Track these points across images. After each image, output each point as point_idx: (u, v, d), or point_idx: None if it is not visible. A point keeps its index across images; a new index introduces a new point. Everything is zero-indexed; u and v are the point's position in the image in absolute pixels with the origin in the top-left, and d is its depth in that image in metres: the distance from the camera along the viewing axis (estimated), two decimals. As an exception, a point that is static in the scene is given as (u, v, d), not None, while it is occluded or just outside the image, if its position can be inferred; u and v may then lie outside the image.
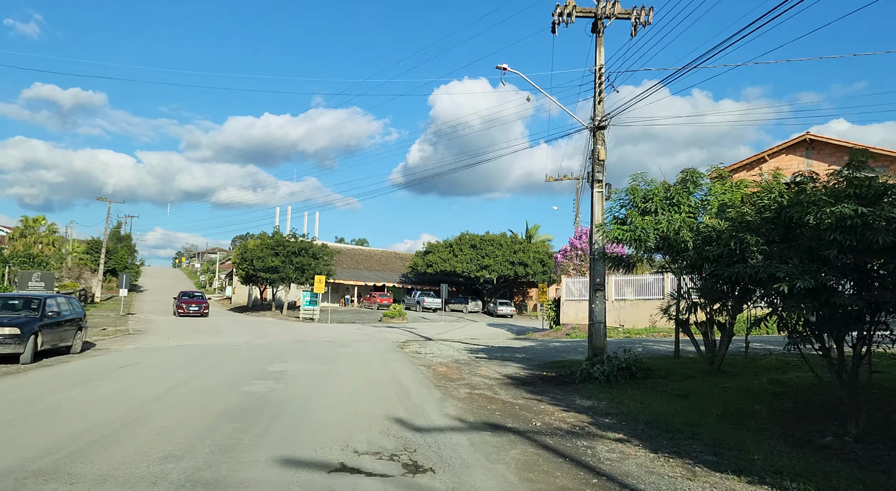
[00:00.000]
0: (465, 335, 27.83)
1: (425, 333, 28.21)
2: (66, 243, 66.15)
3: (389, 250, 63.65)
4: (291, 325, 31.26)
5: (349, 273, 53.86)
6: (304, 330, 26.70)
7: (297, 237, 43.38)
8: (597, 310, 13.85)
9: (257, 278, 43.17)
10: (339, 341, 20.72)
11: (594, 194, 14.05)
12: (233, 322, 29.81)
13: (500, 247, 49.52)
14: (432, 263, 50.26)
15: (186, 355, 14.83)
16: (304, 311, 37.39)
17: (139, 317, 33.94)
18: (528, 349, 18.50)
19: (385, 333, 26.93)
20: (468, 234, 52.05)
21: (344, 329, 28.67)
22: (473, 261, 49.29)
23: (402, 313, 39.64)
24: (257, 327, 26.87)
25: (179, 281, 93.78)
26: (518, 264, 47.97)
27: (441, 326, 34.47)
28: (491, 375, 12.50)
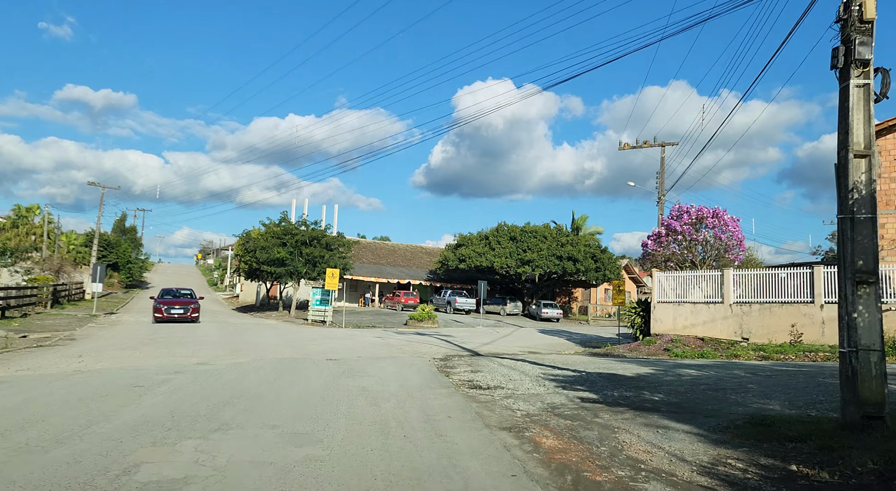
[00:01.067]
0: (520, 347, 20.91)
1: (467, 343, 21.35)
2: (61, 234, 60.76)
3: (415, 245, 57.00)
4: (295, 330, 24.62)
5: (370, 269, 47.26)
6: (308, 338, 20.02)
7: (308, 225, 36.84)
8: (861, 321, 6.77)
9: (261, 273, 36.75)
10: (349, 360, 13.93)
11: (851, 89, 6.96)
12: (222, 328, 23.27)
13: (545, 239, 42.45)
14: (465, 258, 43.39)
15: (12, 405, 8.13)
16: (314, 312, 30.78)
17: (110, 319, 27.67)
18: (650, 380, 11.48)
19: (414, 343, 20.16)
20: (506, 224, 45.08)
21: (360, 337, 21.94)
22: (513, 255, 42.30)
23: (431, 316, 32.83)
24: (247, 335, 20.26)
25: (191, 278, 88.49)
26: (566, 259, 40.85)
27: (482, 332, 27.56)
28: (674, 472, 5.56)
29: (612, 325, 41.22)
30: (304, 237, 35.50)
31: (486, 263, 42.42)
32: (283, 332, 22.77)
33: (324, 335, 21.72)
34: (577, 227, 47.98)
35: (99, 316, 28.40)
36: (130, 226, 69.48)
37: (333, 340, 19.56)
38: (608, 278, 42.29)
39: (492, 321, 37.36)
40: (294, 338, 19.83)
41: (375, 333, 24.85)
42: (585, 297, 51.06)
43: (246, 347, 15.90)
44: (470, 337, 24.43)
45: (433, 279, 48.58)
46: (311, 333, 23.08)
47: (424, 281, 47.85)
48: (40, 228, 57.59)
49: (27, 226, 56.71)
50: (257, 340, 18.38)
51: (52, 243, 58.74)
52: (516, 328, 31.25)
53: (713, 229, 19.53)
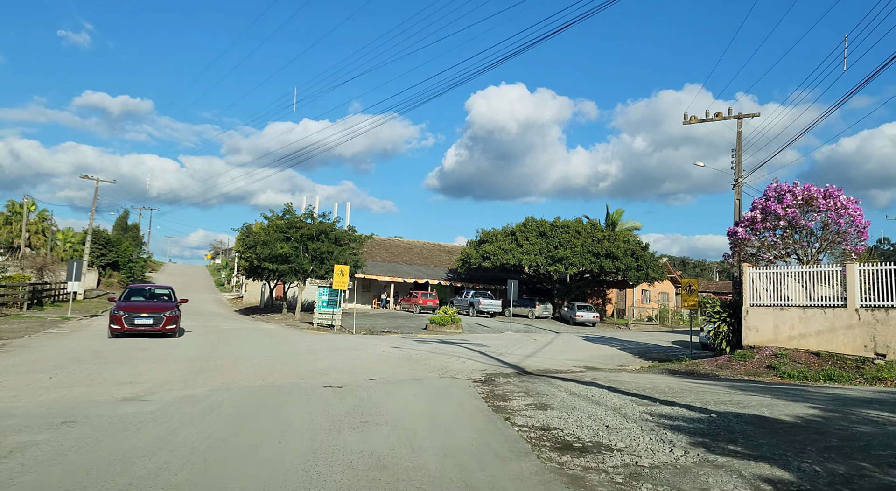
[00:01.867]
0: (572, 360, 16.73)
1: (505, 354, 17.16)
2: (57, 231, 57.42)
3: (432, 242, 52.87)
4: (296, 337, 20.56)
5: (384, 268, 43.20)
6: (307, 350, 15.91)
7: (314, 217, 32.85)
8: None
9: (263, 271, 32.83)
10: (357, 387, 9.84)
11: None
12: (205, 336, 19.24)
13: (578, 235, 38.10)
14: (489, 255, 39.16)
15: None
16: (320, 315, 26.74)
17: (81, 323, 23.84)
18: (839, 433, 7.19)
19: (441, 354, 16.00)
20: (534, 219, 40.78)
21: (374, 346, 17.82)
22: (543, 252, 38.00)
23: (455, 319, 28.69)
24: (233, 346, 16.17)
25: (199, 278, 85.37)
26: (604, 256, 36.45)
27: (516, 339, 23.32)
28: None
29: (654, 330, 36.78)
30: (311, 231, 31.53)
31: (512, 261, 38.16)
32: (280, 340, 18.69)
33: (329, 345, 17.60)
34: (613, 222, 43.53)
35: (73, 319, 24.58)
36: (133, 224, 66.10)
37: (340, 352, 15.43)
38: (651, 278, 37.85)
39: (521, 325, 33.12)
40: (291, 349, 15.70)
41: (392, 340, 20.73)
42: (620, 298, 46.61)
43: (220, 365, 11.80)
44: (505, 346, 20.23)
45: (453, 279, 44.42)
46: (314, 341, 18.99)
47: (444, 281, 43.70)
48: (35, 225, 54.32)
49: (21, 223, 53.38)
50: (242, 352, 14.28)
51: (47, 241, 55.47)
52: (554, 334, 26.97)
53: (826, 213, 15.15)
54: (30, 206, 55.24)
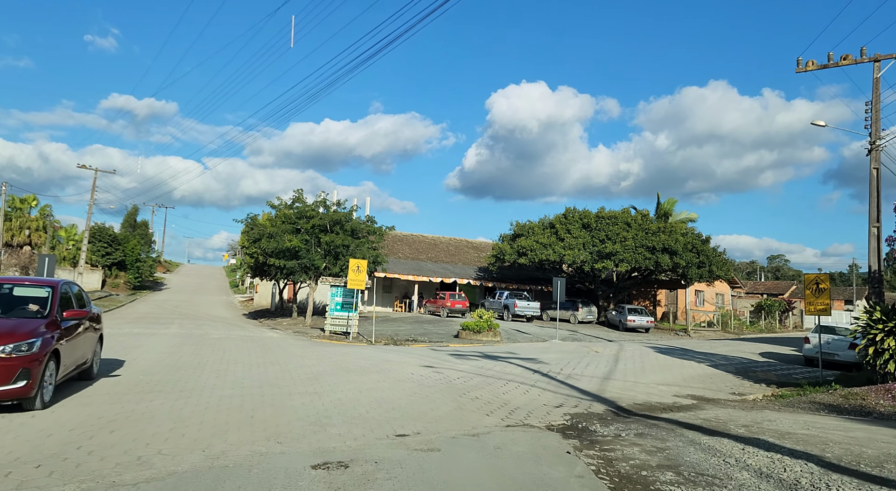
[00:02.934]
0: (667, 384, 12.22)
1: (575, 376, 12.63)
2: (60, 229, 54.17)
3: (459, 238, 48.42)
4: (297, 352, 16.18)
5: (407, 266, 38.86)
6: (307, 374, 11.43)
7: (328, 205, 28.60)
8: None
9: (269, 269, 28.68)
10: (376, 461, 5.47)
11: None
12: (170, 352, 14.96)
13: (628, 227, 33.33)
14: (526, 251, 34.57)
15: None
16: (333, 320, 22.44)
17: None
18: None
19: (491, 378, 11.51)
20: (576, 209, 36.08)
21: (399, 364, 13.36)
22: (588, 246, 33.29)
23: (492, 325, 24.22)
24: (205, 368, 11.80)
25: (213, 279, 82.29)
26: (661, 251, 31.62)
27: (573, 351, 18.70)
28: None
29: (719, 337, 31.86)
30: (324, 221, 27.27)
31: (553, 257, 33.51)
32: (275, 355, 14.30)
33: (339, 363, 13.16)
34: (665, 212, 38.57)
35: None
36: (142, 221, 62.71)
37: (352, 376, 11.00)
38: (715, 276, 32.94)
39: (566, 331, 28.49)
40: (282, 372, 11.26)
41: (420, 354, 16.27)
42: (670, 300, 41.65)
43: (146, 410, 7.33)
44: (565, 361, 15.67)
45: (484, 278, 39.89)
46: (320, 356, 14.59)
47: (473, 280, 39.20)
48: (36, 222, 51.07)
49: (21, 219, 50.19)
50: (204, 380, 9.82)
51: (50, 238, 52.24)
52: (614, 345, 22.28)
53: None
54: (31, 201, 52.10)
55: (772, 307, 38.35)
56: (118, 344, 14.53)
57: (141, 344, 14.76)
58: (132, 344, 14.62)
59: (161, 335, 18.00)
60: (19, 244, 49.47)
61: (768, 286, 69.86)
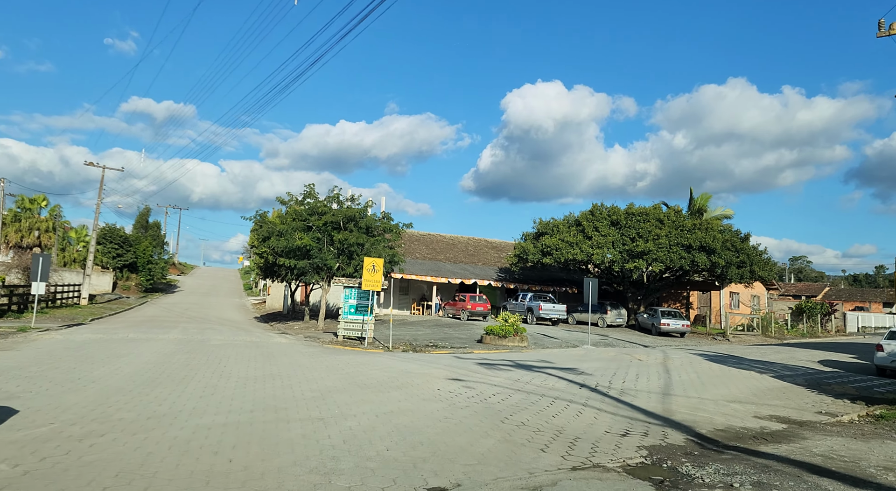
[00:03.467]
0: (737, 401, 10.35)
1: (631, 392, 10.64)
2: (71, 230, 53.08)
3: (479, 238, 46.45)
4: (304, 361, 14.34)
5: (424, 266, 37.01)
6: (313, 392, 9.53)
7: (341, 201, 26.85)
8: None
9: (279, 269, 26.97)
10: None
11: None
12: (158, 362, 13.21)
13: (660, 224, 31.18)
14: (551, 250, 32.54)
15: None
16: (346, 324, 20.65)
17: (30, 337, 18.35)
18: None
19: (534, 395, 9.58)
20: (603, 205, 33.99)
21: (422, 378, 11.46)
22: (618, 245, 31.18)
23: (519, 330, 22.30)
24: (187, 382, 9.99)
25: (227, 281, 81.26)
26: (697, 250, 29.41)
27: (613, 360, 16.65)
28: None
29: (761, 342, 29.53)
30: (337, 218, 25.51)
31: (580, 256, 31.45)
32: (278, 367, 12.48)
33: (352, 376, 11.30)
34: (700, 208, 36.30)
35: (30, 332, 19.02)
36: (153, 222, 61.49)
37: (367, 394, 9.13)
38: (756, 277, 30.68)
39: (596, 336, 26.45)
40: (281, 389, 9.40)
41: (445, 363, 14.35)
42: (702, 302, 39.31)
43: (59, 470, 5.56)
44: (610, 371, 13.68)
45: (505, 279, 37.89)
46: (330, 367, 12.75)
47: (494, 281, 37.22)
48: (46, 222, 49.98)
49: (31, 220, 49.14)
50: (177, 404, 7.95)
51: (60, 239, 51.16)
52: (661, 352, 20.17)
53: None
54: (41, 201, 51.10)
55: (813, 310, 35.90)
56: (104, 352, 12.82)
57: (129, 352, 13.03)
58: (118, 352, 12.90)
59: (157, 341, 16.31)
60: (29, 245, 48.41)
61: (799, 288, 66.99)
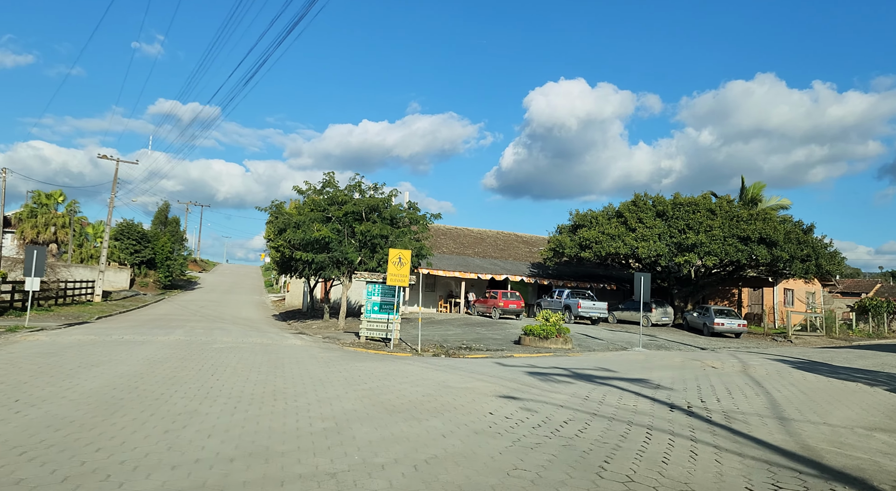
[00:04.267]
0: (880, 427, 7.51)
1: (736, 417, 8.06)
2: (87, 226, 51.86)
3: (508, 232, 43.92)
4: (318, 371, 11.97)
5: (451, 261, 34.67)
6: (323, 420, 7.16)
7: (363, 190, 24.62)
8: None
9: (296, 264, 24.84)
10: None
11: None
12: (134, 373, 11.02)
13: (712, 215, 28.36)
14: (590, 243, 29.93)
15: None
16: (369, 323, 18.39)
17: (12, 339, 16.40)
18: None
19: (615, 423, 7.12)
20: (647, 195, 31.26)
21: (465, 395, 9.06)
22: (665, 237, 28.45)
23: (562, 330, 19.87)
24: (139, 426, 7.72)
25: (248, 278, 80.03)
26: (756, 242, 26.54)
27: (682, 367, 14.01)
28: None
29: (829, 344, 26.54)
30: (359, 208, 23.27)
31: (623, 250, 28.77)
32: (283, 380, 10.14)
33: (375, 393, 8.96)
34: (753, 198, 33.30)
35: (19, 332, 17.10)
36: (172, 218, 60.12)
37: (397, 425, 6.77)
38: (823, 272, 27.68)
39: (645, 337, 23.78)
40: (279, 421, 6.98)
41: (487, 373, 11.92)
42: (753, 300, 36.28)
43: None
44: (692, 385, 11.14)
45: (538, 275, 35.35)
46: (348, 379, 10.41)
47: (527, 277, 34.71)
48: (63, 218, 48.79)
49: (47, 215, 47.97)
50: (119, 451, 5.74)
51: (77, 235, 49.94)
52: (734, 358, 17.46)
53: None
54: (58, 197, 49.93)
55: (879, 308, 32.67)
56: (80, 360, 10.69)
57: (110, 359, 10.88)
58: (97, 360, 10.75)
59: (154, 344, 14.21)
60: (45, 241, 47.24)
61: (847, 284, 63.07)
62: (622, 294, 37.05)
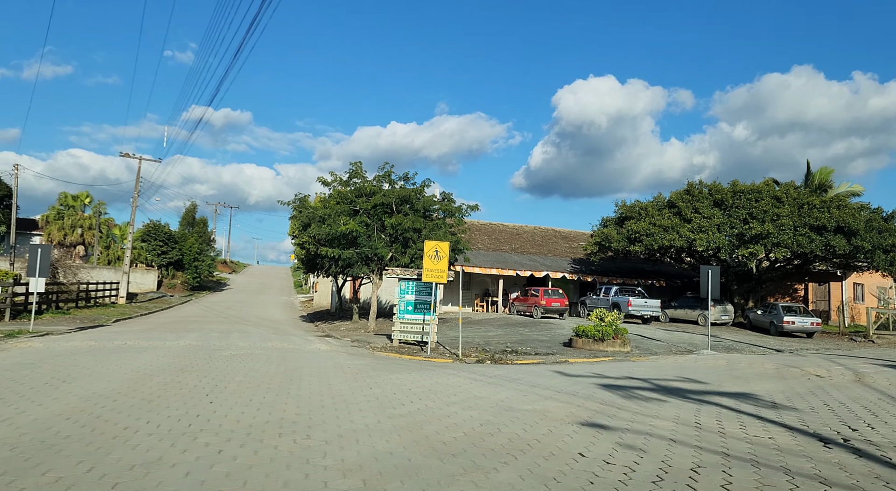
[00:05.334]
0: None
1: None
2: (114, 227, 51.11)
3: (546, 227, 41.48)
4: (342, 386, 9.88)
5: (488, 258, 32.46)
6: (348, 477, 5.09)
7: (392, 180, 22.59)
8: None
9: (322, 261, 22.95)
10: None
11: None
12: (100, 402, 9.13)
13: (778, 203, 25.54)
14: (639, 235, 27.38)
15: None
16: (403, 325, 16.35)
17: (4, 345, 14.79)
18: None
19: (763, 470, 4.84)
20: (702, 183, 28.55)
21: (541, 429, 6.86)
22: (725, 228, 25.75)
23: (619, 331, 17.55)
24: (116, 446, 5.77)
25: (277, 279, 79.09)
26: (833, 232, 23.68)
27: (787, 375, 11.49)
28: None
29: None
30: (389, 200, 21.26)
31: (679, 243, 26.15)
32: (297, 401, 8.13)
33: (416, 420, 6.83)
34: (822, 185, 30.27)
35: (18, 337, 15.51)
36: (200, 218, 59.13)
37: (457, 485, 4.67)
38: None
39: (708, 338, 21.17)
40: (281, 475, 5.11)
41: (553, 388, 9.68)
42: (818, 295, 33.19)
43: None
44: (818, 402, 8.71)
45: (581, 271, 32.88)
46: (381, 401, 8.29)
47: (569, 274, 32.28)
48: (90, 220, 48.08)
49: (74, 217, 47.30)
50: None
51: (104, 237, 49.21)
52: (829, 362, 14.86)
53: None
54: (84, 198, 49.29)
55: None
56: (60, 372, 8.84)
57: (95, 371, 9.01)
58: (80, 372, 8.89)
59: (157, 351, 12.38)
60: (72, 243, 46.60)
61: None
62: (671, 291, 34.34)
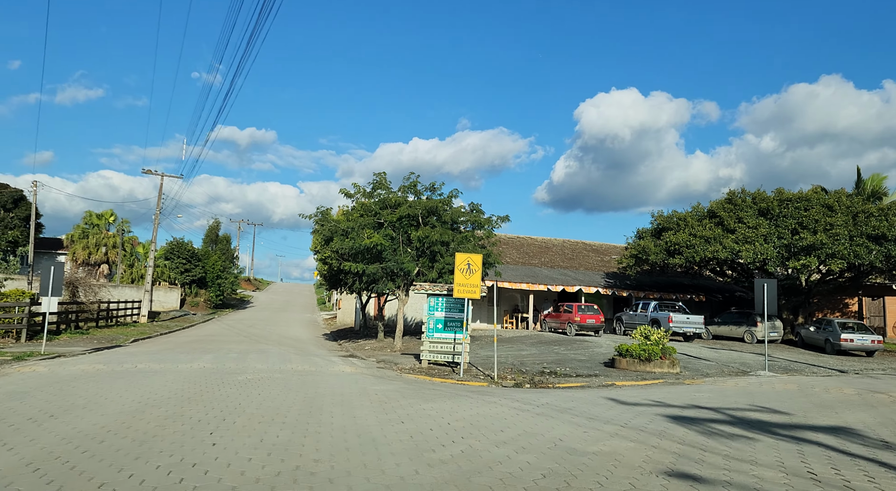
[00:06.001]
0: None
1: None
2: (138, 245, 50.94)
3: (576, 240, 39.98)
4: (369, 426, 8.56)
5: (517, 272, 31.12)
6: None
7: (418, 191, 21.51)
8: None
9: (345, 277, 21.89)
10: None
11: None
12: (81, 444, 8.03)
13: (830, 211, 23.82)
14: (679, 247, 25.81)
15: None
16: (431, 346, 15.13)
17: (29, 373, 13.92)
18: None
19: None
20: (745, 191, 26.94)
21: (634, 488, 5.57)
22: (772, 238, 24.09)
23: (667, 351, 16.04)
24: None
25: (301, 296, 78.52)
26: (893, 242, 21.91)
27: (867, 401, 9.92)
28: None
29: None
30: (415, 211, 20.17)
31: (723, 254, 24.54)
32: (314, 439, 6.89)
33: (464, 470, 5.65)
34: (875, 192, 28.41)
35: (26, 360, 14.66)
36: (223, 235, 58.86)
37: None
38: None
39: (761, 357, 19.49)
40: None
41: (614, 422, 8.34)
42: (872, 310, 31.09)
43: None
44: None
45: (615, 285, 31.32)
46: (416, 440, 7.03)
47: (603, 288, 30.75)
48: (114, 238, 47.99)
49: (98, 236, 47.23)
50: None
51: (128, 255, 49.08)
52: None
53: None
54: (108, 217, 49.28)
55: None
56: (63, 399, 7.84)
57: (93, 401, 7.98)
58: (75, 402, 7.86)
59: (168, 375, 11.35)
60: (97, 262, 46.50)
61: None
62: (712, 306, 32.54)
